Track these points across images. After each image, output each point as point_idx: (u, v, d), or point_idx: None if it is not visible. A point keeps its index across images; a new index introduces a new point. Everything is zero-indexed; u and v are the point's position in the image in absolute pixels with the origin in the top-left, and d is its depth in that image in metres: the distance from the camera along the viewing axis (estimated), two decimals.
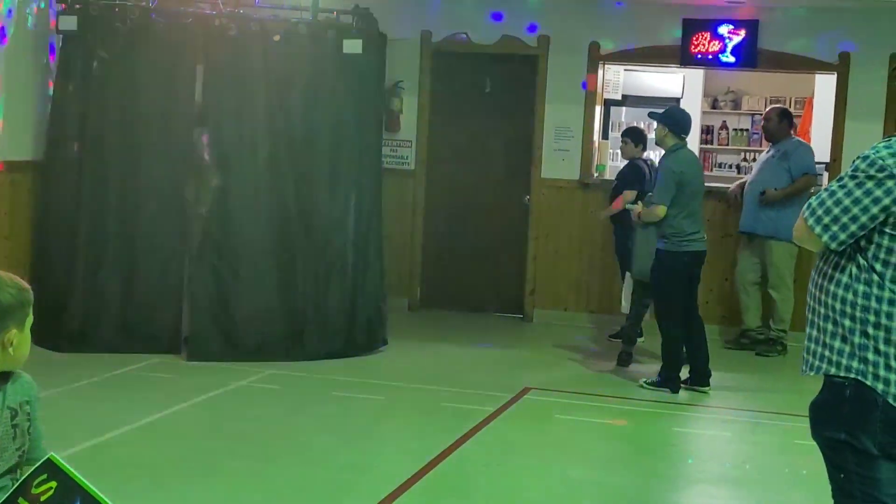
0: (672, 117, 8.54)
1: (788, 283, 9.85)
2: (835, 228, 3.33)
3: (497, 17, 10.88)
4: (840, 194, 3.34)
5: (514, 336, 10.45)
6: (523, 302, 11.15)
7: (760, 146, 13.08)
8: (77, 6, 8.53)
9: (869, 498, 3.40)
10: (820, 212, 3.36)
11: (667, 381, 8.40)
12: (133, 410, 6.99)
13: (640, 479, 6.30)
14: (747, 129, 13.97)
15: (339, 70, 8.77)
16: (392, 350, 9.16)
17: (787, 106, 12.07)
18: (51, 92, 8.86)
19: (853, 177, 3.33)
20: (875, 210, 3.28)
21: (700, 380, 8.48)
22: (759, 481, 6.41)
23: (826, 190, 3.40)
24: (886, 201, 3.27)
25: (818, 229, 3.36)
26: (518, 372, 8.81)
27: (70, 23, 8.50)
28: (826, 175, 10.48)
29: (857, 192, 3.31)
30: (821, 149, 10.66)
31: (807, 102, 12.94)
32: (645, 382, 8.51)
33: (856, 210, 3.30)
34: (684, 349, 8.50)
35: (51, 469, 2.99)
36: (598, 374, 8.94)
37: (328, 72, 8.78)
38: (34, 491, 2.97)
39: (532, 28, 10.85)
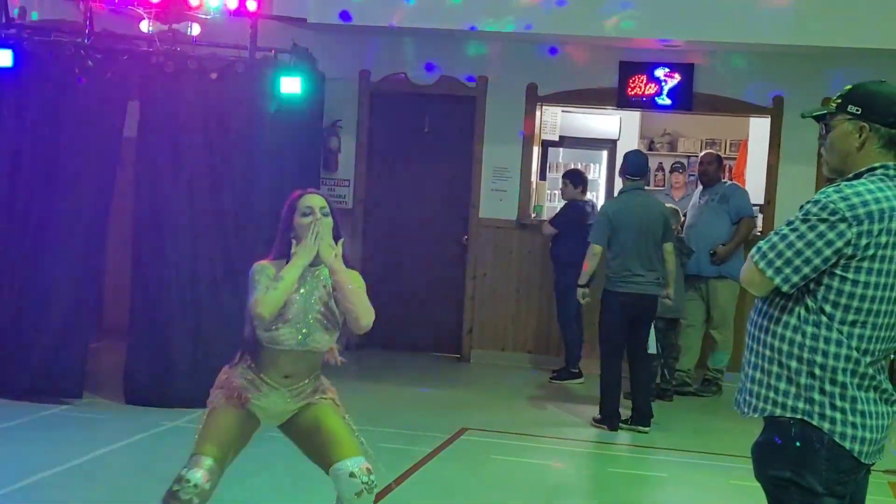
0: (623, 161, 8.80)
1: (731, 323, 9.96)
2: (787, 271, 3.39)
3: (430, 67, 10.92)
4: (792, 237, 3.40)
5: (452, 376, 10.43)
6: (461, 342, 11.13)
7: (697, 188, 13.20)
8: (11, 41, 8.42)
9: None
10: (771, 255, 3.42)
11: (605, 419, 8.46)
12: (63, 452, 6.87)
13: None
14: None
15: (278, 109, 8.73)
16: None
17: (721, 149, 12.27)
18: None
19: (805, 220, 3.40)
20: (828, 253, 3.35)
21: (641, 420, 8.50)
22: None
23: (776, 234, 3.46)
24: (839, 244, 3.34)
25: (770, 272, 3.41)
26: (455, 412, 8.78)
27: (4, 58, 8.39)
28: (761, 217, 10.60)
29: (810, 235, 3.37)
30: (755, 191, 10.82)
31: (741, 145, 13.10)
32: (594, 420, 8.57)
33: (809, 252, 3.36)
34: (627, 388, 8.60)
35: None
36: (536, 414, 8.93)
37: (266, 110, 8.74)
38: None
39: (471, 78, 10.89)
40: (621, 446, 8.10)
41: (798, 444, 3.43)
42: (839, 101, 3.54)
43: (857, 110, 3.49)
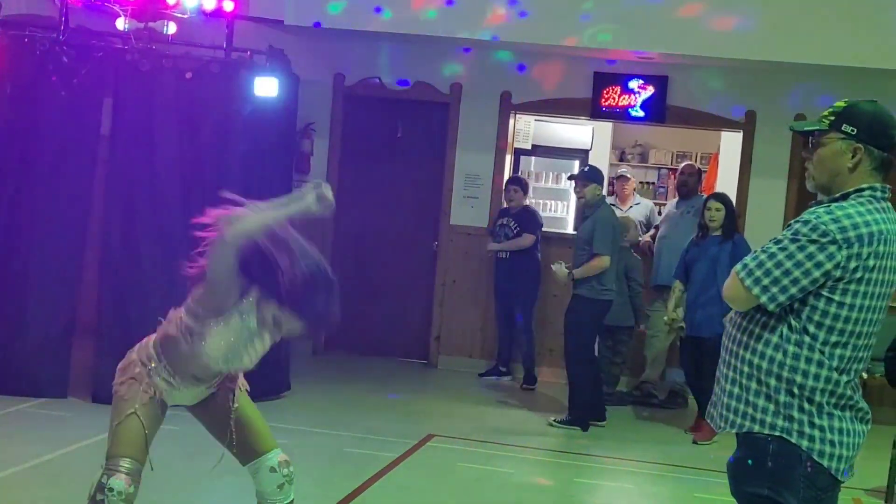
0: (599, 175, 9.09)
1: None
2: (774, 290, 3.39)
3: (404, 83, 10.94)
4: (781, 257, 3.39)
5: (419, 382, 10.42)
6: (428, 348, 11.13)
7: (666, 199, 13.25)
8: None
9: None
10: (759, 273, 3.41)
11: (577, 420, 8.74)
12: (28, 449, 6.83)
13: None
14: (654, 183, 14.15)
15: (252, 110, 8.71)
16: (295, 394, 9.06)
17: (693, 161, 12.32)
18: None
19: (794, 240, 3.39)
20: (817, 274, 3.35)
21: (599, 415, 8.90)
22: None
23: (763, 251, 3.45)
24: (828, 266, 3.34)
25: (756, 290, 3.41)
26: (421, 419, 8.78)
27: None
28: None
29: (799, 256, 3.37)
30: None
31: (712, 158, 13.15)
32: (554, 421, 8.75)
33: (797, 273, 3.36)
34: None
35: None
36: (502, 422, 8.93)
37: (240, 111, 8.72)
38: None
39: (447, 78, 10.93)
40: (587, 456, 8.11)
41: (776, 461, 3.44)
42: (832, 118, 3.51)
43: (853, 130, 3.46)
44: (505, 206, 10.61)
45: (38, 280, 8.35)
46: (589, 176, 8.94)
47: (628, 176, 11.20)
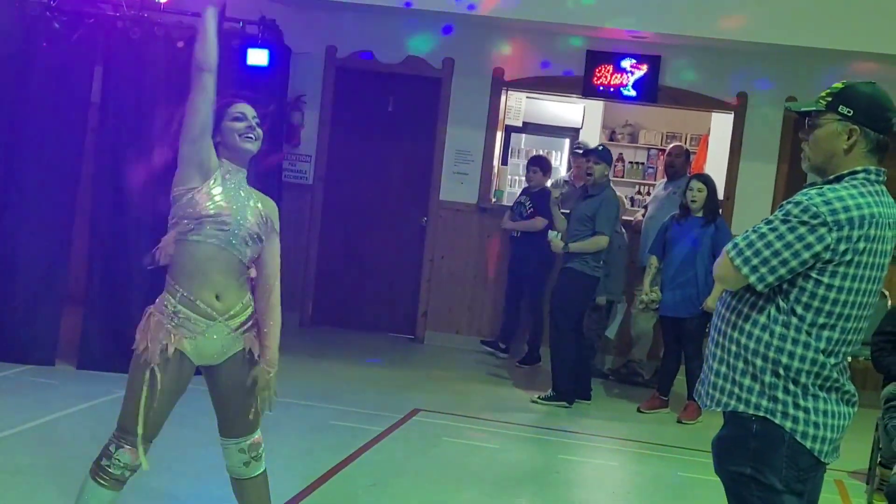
0: (610, 157, 9.15)
1: None
2: (763, 270, 3.39)
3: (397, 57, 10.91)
4: (771, 237, 3.39)
5: (405, 357, 10.43)
6: (416, 323, 11.14)
7: (655, 180, 13.27)
8: None
9: None
10: (748, 253, 3.42)
11: (562, 394, 8.80)
12: (15, 415, 6.83)
13: None
14: (643, 163, 14.16)
15: (243, 81, 8.67)
16: (281, 366, 9.00)
17: (682, 143, 12.31)
18: None
19: (785, 221, 3.39)
20: (806, 256, 3.36)
21: (583, 392, 8.99)
22: None
23: (754, 231, 3.45)
24: (818, 248, 3.35)
25: (746, 270, 3.41)
26: (407, 393, 8.79)
27: None
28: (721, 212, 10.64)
29: (790, 237, 3.37)
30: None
31: (702, 140, 13.16)
32: (539, 398, 8.77)
33: (787, 254, 3.36)
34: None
35: None
36: (488, 399, 8.95)
37: (231, 82, 8.67)
38: None
39: (437, 52, 10.89)
40: (573, 433, 8.14)
41: (760, 441, 3.45)
42: (829, 99, 3.51)
43: (850, 112, 3.46)
44: (527, 185, 10.59)
45: (27, 247, 8.35)
46: (602, 155, 8.99)
47: (586, 150, 11.12)
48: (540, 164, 10.47)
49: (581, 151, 10.41)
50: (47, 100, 8.33)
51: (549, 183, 10.35)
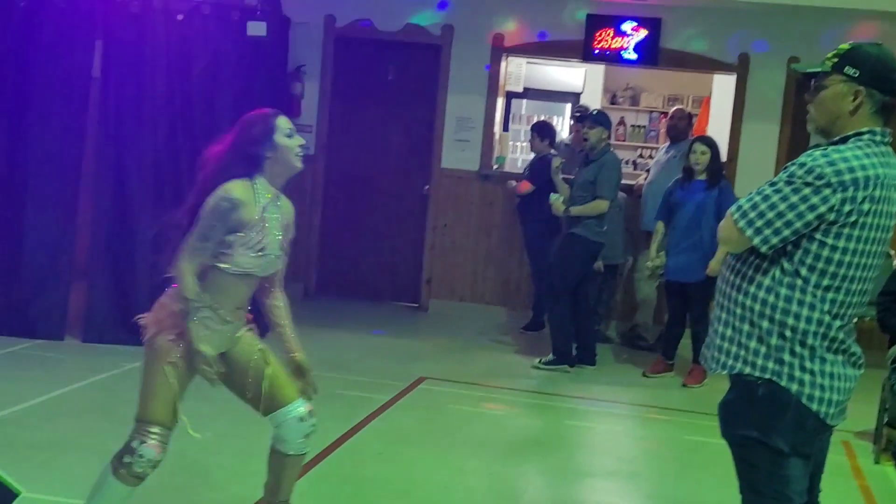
0: (603, 117, 9.10)
1: None
2: (767, 232, 3.38)
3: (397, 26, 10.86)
4: (775, 199, 3.38)
5: (410, 325, 10.45)
6: (419, 291, 11.15)
7: (657, 143, 13.25)
8: None
9: (778, 495, 3.48)
10: (752, 214, 3.40)
11: (562, 357, 8.85)
12: (23, 390, 6.87)
13: (532, 472, 6.34)
14: (644, 126, 14.13)
15: (242, 52, 8.67)
16: None
17: (684, 105, 12.26)
18: None
19: (789, 182, 3.38)
20: (810, 217, 3.34)
21: (588, 358, 9.05)
22: (649, 476, 6.48)
23: (758, 193, 3.44)
24: (822, 209, 3.33)
25: (749, 232, 3.40)
26: (413, 361, 8.81)
27: None
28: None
29: (794, 198, 3.35)
30: None
31: (704, 102, 13.13)
32: (540, 363, 8.84)
33: (791, 215, 3.35)
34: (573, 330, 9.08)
35: None
36: (493, 365, 8.97)
37: (231, 53, 8.67)
38: None
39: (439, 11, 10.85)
40: (577, 399, 8.16)
41: (766, 404, 3.45)
42: (835, 60, 3.48)
43: (855, 73, 3.43)
44: None
45: (34, 222, 8.39)
46: (597, 119, 8.97)
47: (585, 114, 11.10)
48: (538, 130, 10.38)
49: (579, 115, 10.40)
50: (49, 75, 8.33)
51: (552, 150, 10.30)
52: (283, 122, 4.37)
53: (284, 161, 4.33)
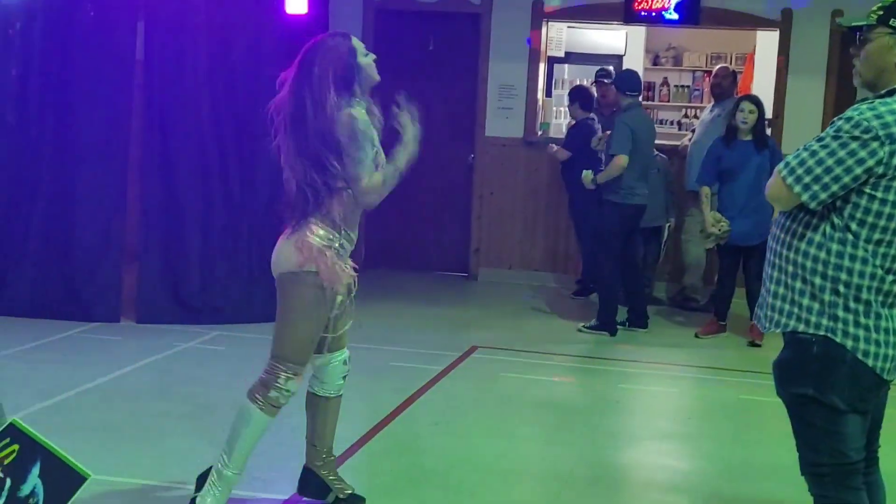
0: (619, 79, 9.12)
1: None
2: (816, 188, 3.36)
3: None
4: (822, 154, 3.36)
5: (460, 295, 10.48)
6: (468, 261, 11.17)
7: (702, 103, 13.15)
8: None
9: (835, 452, 3.48)
10: (800, 171, 3.39)
11: (605, 324, 8.86)
12: (81, 373, 6.95)
13: (586, 436, 6.34)
14: (688, 86, 14.01)
15: (283, 28, 8.67)
16: None
17: (727, 64, 12.16)
18: None
19: (836, 137, 3.36)
20: (858, 171, 3.32)
21: (638, 321, 9.05)
22: (705, 437, 6.48)
23: (805, 149, 3.42)
24: (870, 163, 3.31)
25: (798, 188, 3.39)
26: (464, 331, 8.84)
27: None
28: (769, 132, 10.53)
29: (841, 153, 3.34)
30: None
31: (748, 59, 13.00)
32: (584, 327, 8.91)
33: (839, 170, 3.33)
34: (623, 294, 9.11)
35: (13, 433, 2.99)
36: (544, 332, 8.98)
37: (271, 30, 8.68)
38: None
39: None
40: (630, 362, 8.16)
41: (821, 361, 3.44)
42: (880, 12, 3.44)
43: None
44: None
45: (85, 206, 8.47)
46: (613, 80, 9.04)
47: (610, 74, 11.06)
48: (572, 96, 10.37)
49: (607, 81, 10.37)
50: (93, 58, 8.37)
51: (591, 115, 10.26)
52: (357, 43, 4.63)
53: (368, 78, 4.62)
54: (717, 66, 10.74)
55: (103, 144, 8.43)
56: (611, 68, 11.11)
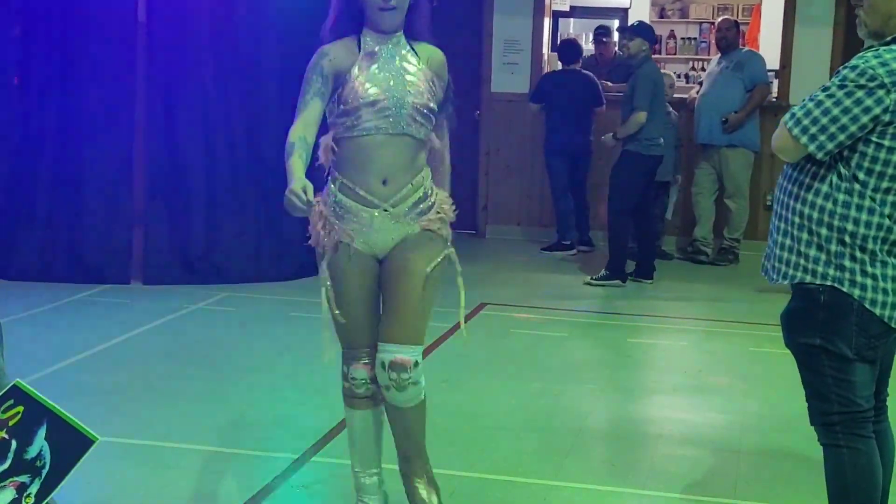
0: (644, 29, 9.10)
1: (745, 192, 9.93)
2: (822, 138, 3.34)
3: None
4: (828, 104, 3.34)
5: (468, 252, 10.42)
6: (476, 218, 11.15)
7: (709, 55, 13.08)
8: None
9: (844, 400, 3.48)
10: (806, 122, 3.36)
11: (614, 272, 8.93)
12: (90, 336, 6.97)
13: (597, 391, 6.34)
14: (695, 38, 13.97)
15: None
16: None
17: (734, 15, 12.08)
18: None
19: (842, 86, 3.33)
20: (865, 119, 3.30)
21: (645, 273, 9.09)
22: (715, 389, 6.48)
23: (811, 100, 3.39)
24: (877, 111, 3.29)
25: (804, 139, 3.36)
26: (473, 288, 8.73)
27: None
28: (776, 82, 10.49)
29: (847, 102, 3.31)
30: (770, 56, 10.67)
31: (754, 9, 12.93)
32: (592, 279, 8.95)
33: (845, 119, 3.31)
34: (633, 245, 9.23)
35: (17, 394, 2.99)
36: (552, 288, 8.97)
37: None
38: (1, 416, 2.96)
39: None
40: (640, 316, 8.15)
41: (828, 310, 3.44)
42: None
43: None
44: None
45: (93, 168, 8.47)
46: (636, 30, 8.99)
47: (609, 31, 11.07)
48: (559, 52, 10.50)
49: (606, 39, 10.43)
50: (95, 21, 8.35)
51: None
52: None
53: (371, 18, 3.98)
54: (720, 19, 10.67)
55: (108, 105, 8.41)
56: (610, 25, 11.05)
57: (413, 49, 4.10)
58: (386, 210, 3.98)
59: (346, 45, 3.96)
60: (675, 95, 10.31)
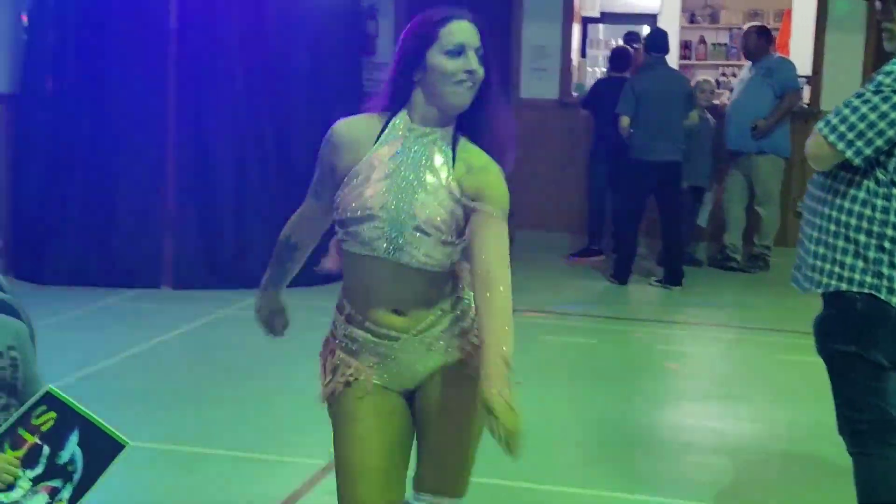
0: (649, 39, 9.38)
1: (776, 198, 9.86)
2: (859, 144, 3.32)
3: None
4: (864, 109, 3.32)
5: None
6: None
7: (739, 60, 13.03)
8: None
9: (876, 409, 3.46)
10: (843, 128, 3.34)
11: (615, 274, 9.30)
12: (120, 341, 7.00)
13: (625, 398, 6.32)
14: (725, 44, 13.92)
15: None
16: None
17: (765, 20, 12.03)
18: (25, 24, 8.72)
19: (878, 91, 3.32)
20: None
21: (672, 279, 9.12)
22: (744, 397, 6.44)
23: (846, 105, 3.37)
24: None
25: (841, 145, 3.34)
26: None
27: None
28: (808, 89, 10.43)
29: (884, 107, 3.30)
30: (800, 63, 10.62)
31: (785, 15, 12.87)
32: (654, 281, 9.24)
33: (882, 124, 3.30)
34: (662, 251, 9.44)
35: (50, 400, 3.02)
36: (582, 293, 8.97)
37: None
38: (34, 422, 3.00)
39: None
40: (669, 323, 8.13)
41: (865, 318, 3.41)
42: None
43: None
44: None
45: (125, 174, 8.53)
46: (647, 41, 9.31)
47: (639, 37, 11.04)
48: (610, 60, 10.53)
49: (636, 45, 10.45)
50: (127, 28, 8.40)
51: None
52: (451, 34, 3.06)
53: (435, 91, 3.02)
54: (745, 27, 10.57)
55: (139, 112, 8.47)
56: (639, 32, 11.03)
57: (454, 151, 3.06)
58: (409, 337, 3.02)
59: (367, 126, 3.05)
60: (706, 102, 10.25)
